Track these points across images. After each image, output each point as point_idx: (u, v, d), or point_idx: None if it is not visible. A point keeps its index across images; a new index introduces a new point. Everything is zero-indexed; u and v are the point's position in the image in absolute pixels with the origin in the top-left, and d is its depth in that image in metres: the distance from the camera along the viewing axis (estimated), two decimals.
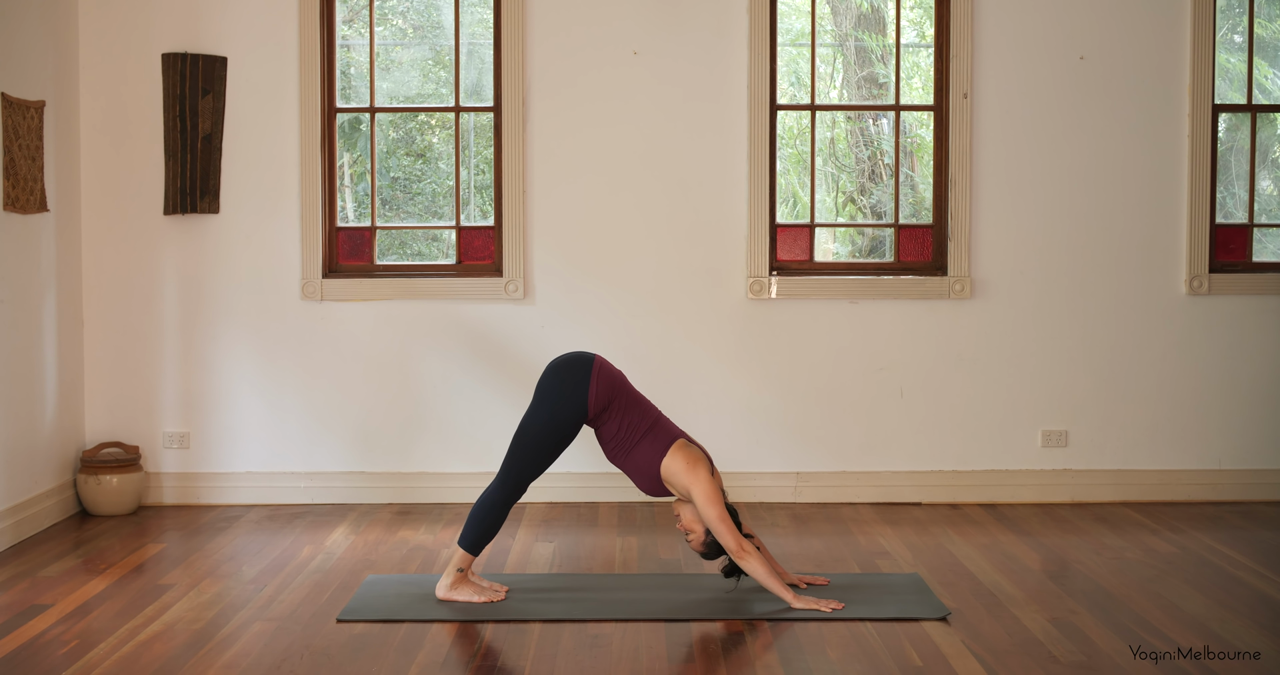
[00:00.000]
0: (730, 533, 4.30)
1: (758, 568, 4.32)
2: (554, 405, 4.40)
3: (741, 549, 4.30)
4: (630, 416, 4.43)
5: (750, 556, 4.31)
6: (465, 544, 4.42)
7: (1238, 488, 6.07)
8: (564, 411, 4.39)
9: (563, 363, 4.47)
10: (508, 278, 6.01)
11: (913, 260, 6.11)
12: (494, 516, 4.41)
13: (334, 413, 6.05)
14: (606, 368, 4.46)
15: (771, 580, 4.32)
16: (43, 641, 4.03)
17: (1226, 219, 6.25)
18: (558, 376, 4.43)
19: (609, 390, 4.42)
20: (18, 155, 5.38)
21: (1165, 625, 4.17)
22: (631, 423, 4.42)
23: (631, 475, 4.48)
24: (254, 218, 6.02)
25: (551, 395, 4.41)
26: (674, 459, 4.38)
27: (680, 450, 4.40)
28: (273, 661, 3.85)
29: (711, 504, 4.32)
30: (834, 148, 7.86)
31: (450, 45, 6.45)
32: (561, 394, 4.39)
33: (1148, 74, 6.02)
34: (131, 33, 5.96)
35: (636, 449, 4.42)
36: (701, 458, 4.40)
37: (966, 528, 5.57)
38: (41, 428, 5.63)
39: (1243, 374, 6.07)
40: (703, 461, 4.39)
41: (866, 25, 7.95)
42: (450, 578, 4.42)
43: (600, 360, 4.47)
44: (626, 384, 4.50)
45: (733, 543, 4.30)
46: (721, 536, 4.31)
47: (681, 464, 4.36)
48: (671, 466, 4.38)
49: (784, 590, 4.32)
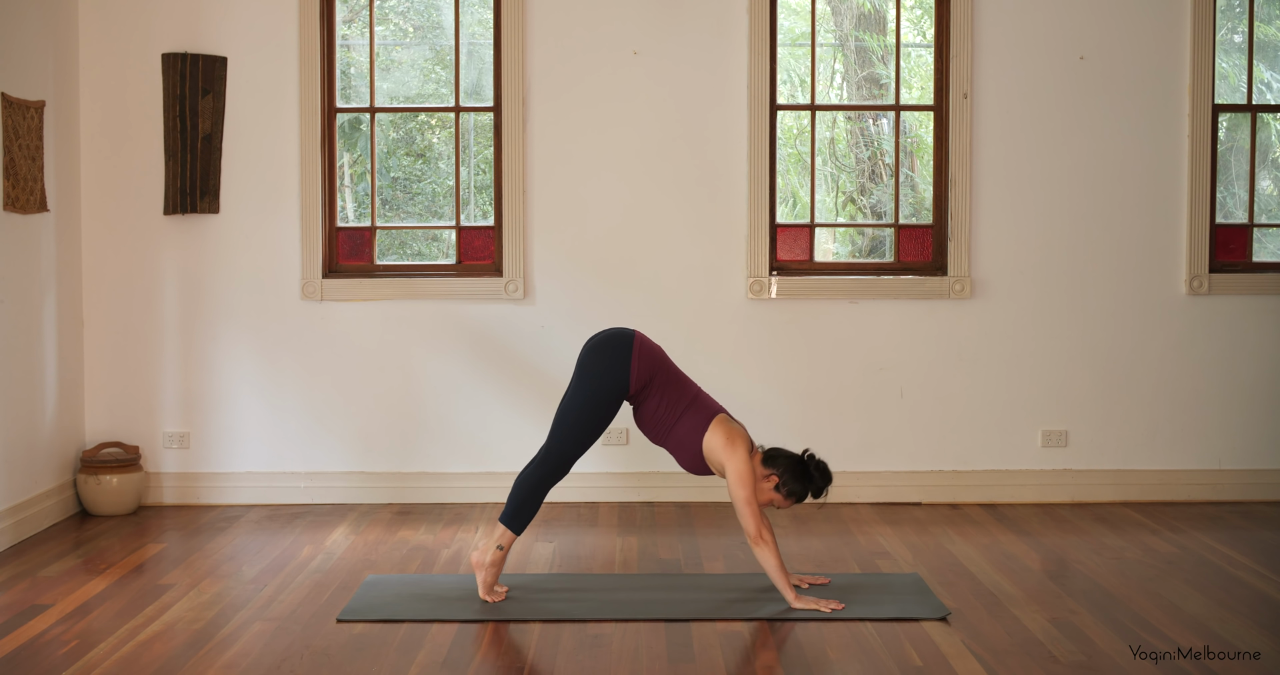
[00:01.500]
0: (754, 516, 4.29)
1: (771, 559, 4.30)
2: (595, 382, 4.34)
3: (760, 536, 4.29)
4: (670, 393, 4.39)
5: (767, 546, 4.30)
6: (506, 520, 4.39)
7: (1238, 488, 6.07)
8: (605, 388, 4.34)
9: (602, 339, 4.42)
10: (508, 278, 6.01)
11: (913, 260, 6.11)
12: (534, 496, 4.37)
13: (334, 413, 6.05)
14: (647, 344, 4.42)
15: (780, 575, 4.31)
16: (43, 641, 4.03)
17: (1226, 219, 6.25)
18: (598, 353, 4.38)
19: (650, 366, 4.38)
20: (18, 155, 5.38)
21: (1165, 625, 4.17)
22: (672, 399, 4.39)
23: (674, 453, 4.44)
24: (254, 218, 6.02)
25: (592, 372, 4.35)
26: (714, 434, 4.35)
27: (721, 426, 4.36)
28: (273, 661, 3.85)
29: (742, 484, 4.29)
30: (834, 148, 7.86)
31: (450, 45, 6.45)
32: (603, 371, 4.34)
33: (1148, 74, 6.02)
34: (131, 33, 5.96)
35: (678, 426, 4.39)
36: (742, 435, 4.37)
37: (966, 528, 5.57)
38: (41, 428, 5.63)
39: (1242, 374, 6.07)
40: (742, 439, 4.36)
41: (866, 25, 7.94)
42: (490, 555, 4.38)
43: (640, 336, 4.43)
44: (667, 360, 4.46)
45: (753, 527, 4.29)
46: (744, 518, 4.29)
47: (721, 440, 4.33)
48: (711, 442, 4.35)
49: (788, 588, 4.31)
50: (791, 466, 4.35)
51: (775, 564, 4.31)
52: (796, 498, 4.37)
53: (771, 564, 4.31)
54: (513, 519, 4.39)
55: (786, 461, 4.36)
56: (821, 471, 4.37)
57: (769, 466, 4.36)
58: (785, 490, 4.35)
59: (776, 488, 4.35)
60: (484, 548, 4.43)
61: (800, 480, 4.34)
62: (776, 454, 4.39)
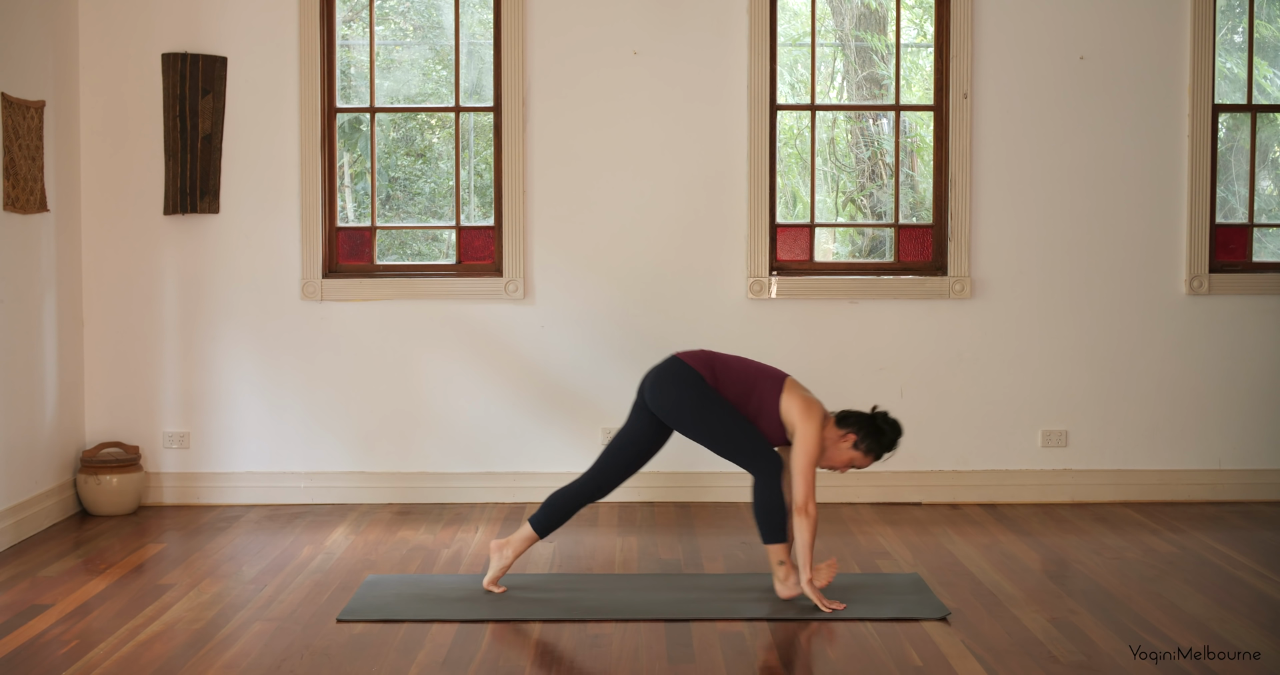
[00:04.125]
0: (807, 486, 4.32)
1: (807, 532, 4.32)
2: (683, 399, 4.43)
3: (805, 507, 4.32)
4: (733, 372, 4.48)
5: (809, 519, 4.32)
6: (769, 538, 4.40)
7: (1238, 488, 6.07)
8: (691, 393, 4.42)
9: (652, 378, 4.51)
10: (508, 278, 6.01)
11: (913, 260, 6.11)
12: (775, 505, 4.38)
13: (334, 413, 6.05)
14: (689, 352, 4.55)
15: (808, 551, 4.33)
16: (43, 641, 4.03)
17: (1226, 219, 6.24)
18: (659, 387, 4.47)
19: (705, 360, 4.48)
20: (18, 155, 5.38)
21: (1165, 625, 4.17)
22: (735, 376, 4.47)
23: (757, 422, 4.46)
24: (254, 218, 6.02)
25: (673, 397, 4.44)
26: (790, 399, 4.41)
27: (794, 391, 4.43)
28: (273, 661, 3.85)
29: (806, 452, 4.33)
30: (834, 148, 7.86)
31: (450, 45, 6.45)
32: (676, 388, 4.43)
33: (1148, 74, 6.02)
34: (131, 33, 5.96)
35: (752, 395, 4.44)
36: (817, 403, 4.43)
37: (966, 528, 5.57)
38: (41, 428, 5.63)
39: (1243, 374, 6.07)
40: (818, 406, 4.41)
41: (867, 25, 7.94)
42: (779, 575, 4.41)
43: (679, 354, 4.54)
44: (715, 352, 4.57)
45: (803, 496, 4.32)
46: (798, 486, 4.32)
47: (798, 406, 4.39)
48: (788, 406, 4.40)
49: (808, 566, 4.32)
50: (865, 424, 4.43)
51: (808, 539, 4.33)
52: (875, 454, 4.44)
53: (805, 538, 4.33)
54: (773, 533, 4.40)
55: (859, 420, 4.44)
56: (892, 425, 4.45)
57: (843, 427, 4.43)
58: (864, 447, 4.41)
59: (854, 445, 4.41)
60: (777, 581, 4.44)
61: (874, 436, 4.42)
62: (848, 415, 4.46)
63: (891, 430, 4.45)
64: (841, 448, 4.43)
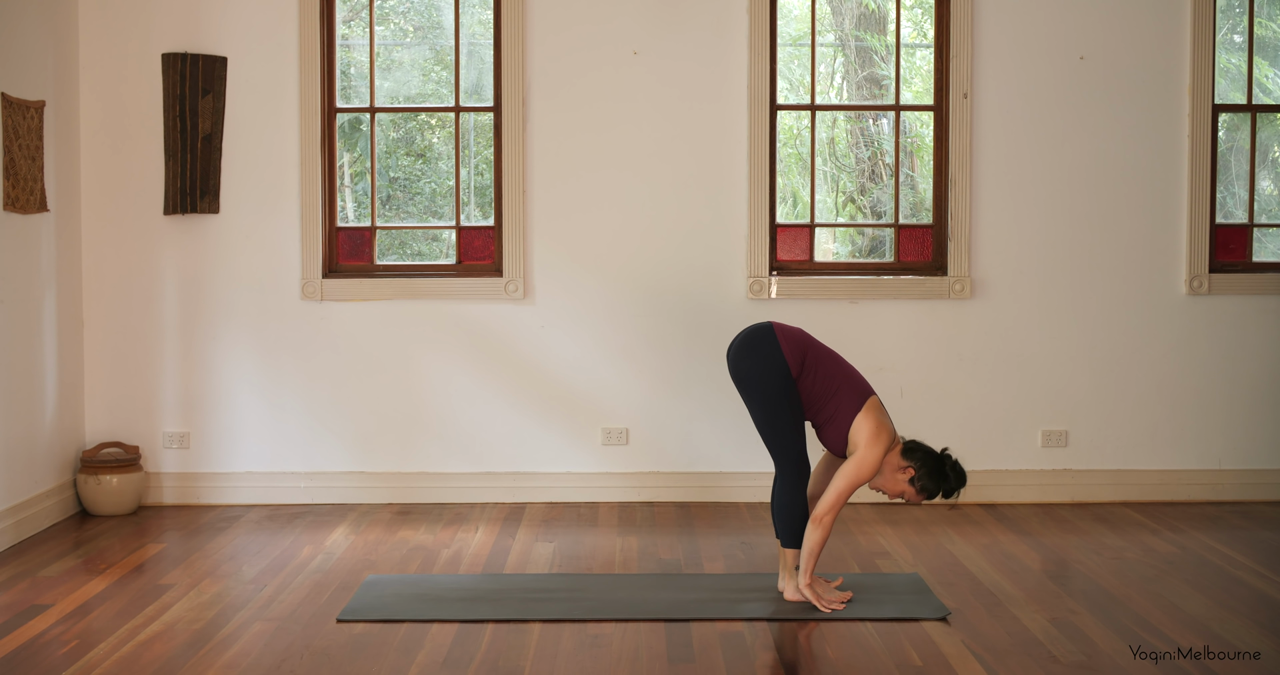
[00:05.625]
0: (836, 503, 4.27)
1: (818, 539, 4.29)
2: (760, 383, 4.35)
3: (823, 518, 4.28)
4: (824, 368, 4.38)
5: (823, 529, 4.29)
6: (791, 543, 4.39)
7: (1238, 488, 6.07)
8: (773, 383, 4.34)
9: (741, 340, 4.43)
10: (508, 278, 6.01)
11: (913, 260, 6.11)
12: (797, 509, 4.37)
13: (334, 413, 6.05)
14: (786, 327, 4.43)
15: (813, 558, 4.30)
16: (43, 641, 4.03)
17: (1226, 219, 6.24)
18: (745, 356, 4.38)
19: (799, 346, 4.38)
20: (18, 155, 5.38)
21: (1165, 625, 4.17)
22: (826, 374, 4.37)
23: (823, 428, 4.40)
24: (254, 218, 6.02)
25: (751, 376, 4.36)
26: (865, 420, 4.32)
27: (872, 412, 4.33)
28: (273, 661, 3.85)
29: (854, 476, 4.27)
30: (834, 148, 7.86)
31: (450, 45, 6.45)
32: (759, 369, 4.34)
33: (1148, 74, 6.02)
34: (131, 33, 5.96)
35: (833, 400, 4.36)
36: (889, 429, 4.33)
37: (966, 528, 5.57)
38: (41, 428, 5.63)
39: (1243, 374, 6.07)
40: (888, 432, 4.32)
41: (867, 25, 7.94)
42: (804, 579, 4.36)
43: (777, 323, 4.44)
44: (812, 338, 4.46)
45: (826, 509, 4.27)
46: (828, 498, 4.26)
47: (869, 429, 4.30)
48: (859, 426, 4.31)
49: (809, 571, 4.31)
50: (929, 463, 4.32)
51: (816, 547, 4.30)
52: (928, 495, 4.34)
53: (813, 545, 4.30)
54: (793, 537, 4.39)
55: (925, 457, 4.33)
56: (957, 473, 4.34)
57: (907, 459, 4.34)
58: (919, 485, 4.32)
59: (911, 481, 4.33)
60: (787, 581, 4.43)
61: (935, 478, 4.32)
62: (916, 447, 4.35)
63: (956, 479, 4.33)
64: (899, 478, 4.34)
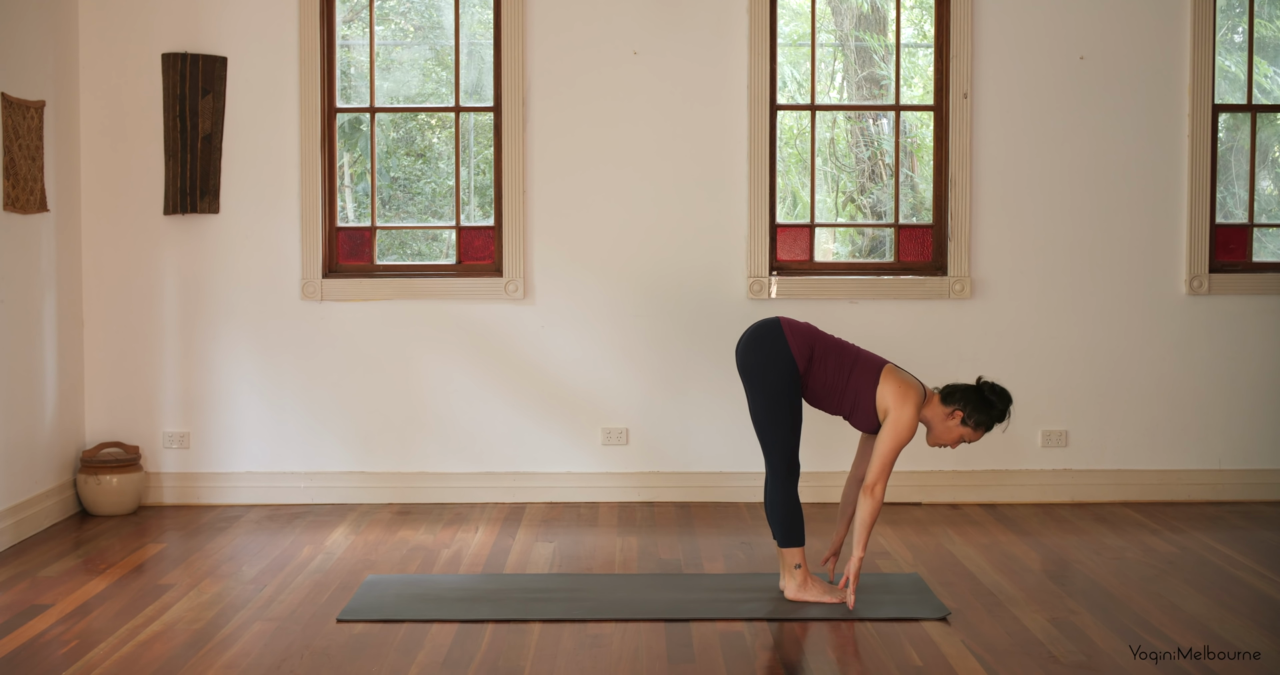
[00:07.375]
0: (883, 469, 4.26)
1: (870, 512, 4.27)
2: (765, 377, 4.33)
3: (874, 488, 4.26)
4: (832, 359, 4.37)
5: (875, 501, 4.27)
6: (785, 542, 4.38)
7: (1238, 488, 6.07)
8: (778, 378, 4.33)
9: (750, 335, 4.42)
10: (508, 278, 6.01)
11: (913, 260, 6.11)
12: (791, 508, 4.36)
13: (334, 413, 6.05)
14: (794, 322, 4.42)
15: (866, 530, 4.28)
16: (43, 641, 4.03)
17: (1226, 219, 6.24)
18: (753, 350, 4.36)
19: (807, 340, 4.37)
20: (18, 155, 5.38)
21: (1165, 625, 4.17)
22: (834, 364, 4.36)
23: (850, 416, 4.39)
24: (254, 218, 6.02)
25: (757, 370, 4.35)
26: (886, 386, 4.30)
27: (891, 377, 4.32)
28: (273, 661, 3.85)
29: (894, 436, 4.25)
30: (834, 148, 7.86)
31: (450, 45, 6.45)
32: (766, 363, 4.33)
33: (1148, 74, 6.02)
34: (131, 33, 5.96)
35: (849, 386, 4.35)
36: (914, 386, 4.31)
37: (966, 528, 5.57)
38: (41, 428, 5.63)
39: (1243, 374, 6.07)
40: (915, 390, 4.30)
41: (867, 25, 7.94)
42: (796, 579, 4.38)
43: (785, 318, 4.43)
44: (819, 330, 4.45)
45: (875, 477, 4.26)
46: (874, 468, 4.26)
47: (893, 392, 4.28)
48: (884, 394, 4.30)
49: (863, 545, 4.27)
50: (971, 397, 4.32)
51: (868, 519, 4.27)
52: (986, 427, 4.33)
53: (865, 517, 4.27)
54: (789, 537, 4.38)
55: (964, 394, 4.33)
56: (999, 394, 4.33)
57: (949, 404, 4.33)
58: (973, 422, 4.32)
59: (964, 422, 4.32)
60: (787, 580, 4.43)
61: (983, 409, 4.31)
62: (953, 390, 4.35)
63: (1000, 400, 4.32)
64: (950, 425, 4.33)
